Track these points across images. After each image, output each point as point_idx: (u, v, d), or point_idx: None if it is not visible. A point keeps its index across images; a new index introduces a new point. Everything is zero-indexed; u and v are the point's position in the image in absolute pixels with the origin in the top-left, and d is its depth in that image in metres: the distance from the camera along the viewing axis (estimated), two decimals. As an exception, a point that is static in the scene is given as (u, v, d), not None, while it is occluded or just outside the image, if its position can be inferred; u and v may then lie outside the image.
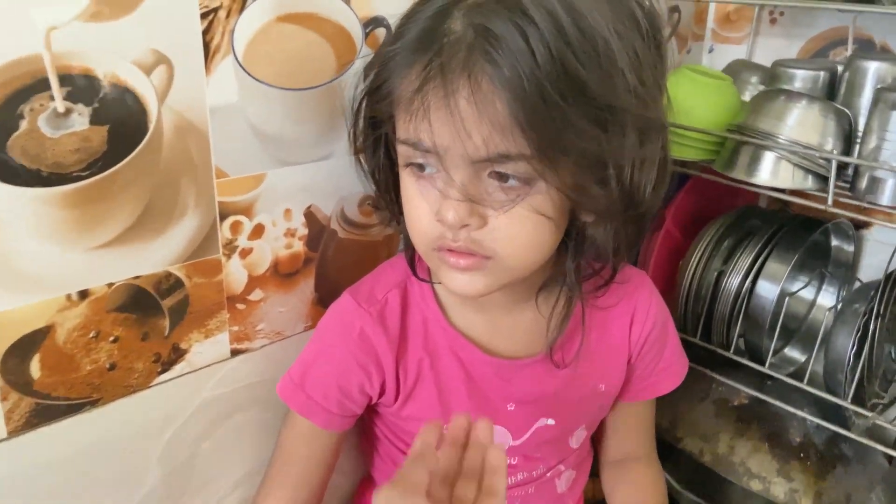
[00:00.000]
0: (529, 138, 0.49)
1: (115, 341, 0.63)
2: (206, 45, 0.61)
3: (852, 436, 0.83)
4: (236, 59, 0.63)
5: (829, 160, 0.79)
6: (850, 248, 1.02)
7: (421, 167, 0.56)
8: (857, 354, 0.85)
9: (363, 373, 0.67)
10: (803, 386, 0.87)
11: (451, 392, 0.68)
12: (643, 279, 0.74)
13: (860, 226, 1.03)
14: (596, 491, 0.87)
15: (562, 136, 0.50)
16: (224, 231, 0.67)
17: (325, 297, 0.77)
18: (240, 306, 0.70)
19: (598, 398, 0.73)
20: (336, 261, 0.77)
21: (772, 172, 0.82)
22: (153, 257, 0.63)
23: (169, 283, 0.65)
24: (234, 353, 0.71)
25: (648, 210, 0.58)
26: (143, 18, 0.57)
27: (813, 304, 1.05)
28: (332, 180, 0.74)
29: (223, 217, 0.66)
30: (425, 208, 0.57)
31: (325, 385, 0.67)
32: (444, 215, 0.54)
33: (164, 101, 0.60)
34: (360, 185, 0.75)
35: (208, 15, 0.60)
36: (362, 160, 0.65)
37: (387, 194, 0.66)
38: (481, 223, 0.55)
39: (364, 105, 0.61)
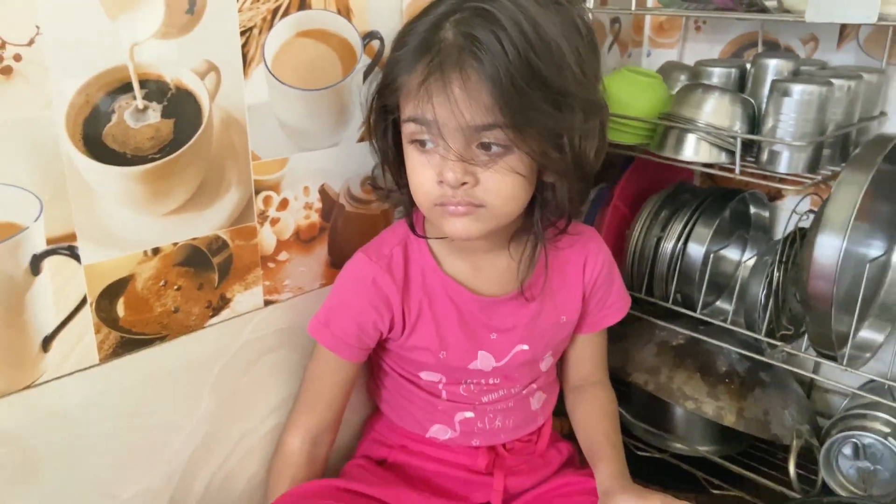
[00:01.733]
0: (505, 114, 0.67)
1: (178, 289, 0.79)
2: (245, 56, 0.79)
3: (764, 359, 1.03)
4: (267, 66, 0.81)
5: (735, 138, 0.98)
6: (766, 213, 1.22)
7: (422, 143, 0.74)
8: (768, 297, 1.05)
9: (376, 312, 0.84)
10: (726, 325, 1.07)
11: (446, 325, 0.85)
12: (593, 233, 0.93)
13: (774, 197, 1.24)
14: (564, 425, 1.05)
15: (528, 113, 0.68)
16: (258, 203, 0.84)
17: (336, 259, 0.94)
18: (270, 265, 0.87)
19: (561, 329, 0.92)
20: (344, 230, 0.95)
21: (694, 150, 1.02)
22: (206, 223, 0.80)
23: (218, 244, 0.82)
24: (267, 303, 0.88)
25: (591, 170, 0.77)
26: (198, 36, 0.74)
27: (739, 263, 1.25)
28: (341, 164, 0.92)
29: (257, 192, 0.84)
30: (428, 174, 0.74)
31: (346, 324, 0.84)
32: (446, 176, 0.72)
33: (214, 100, 0.77)
34: (363, 167, 0.93)
35: (246, 32, 0.78)
36: (375, 144, 0.83)
37: (394, 167, 0.83)
38: (474, 181, 0.72)
39: (376, 99, 0.79)
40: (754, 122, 1.02)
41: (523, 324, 0.88)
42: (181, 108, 0.75)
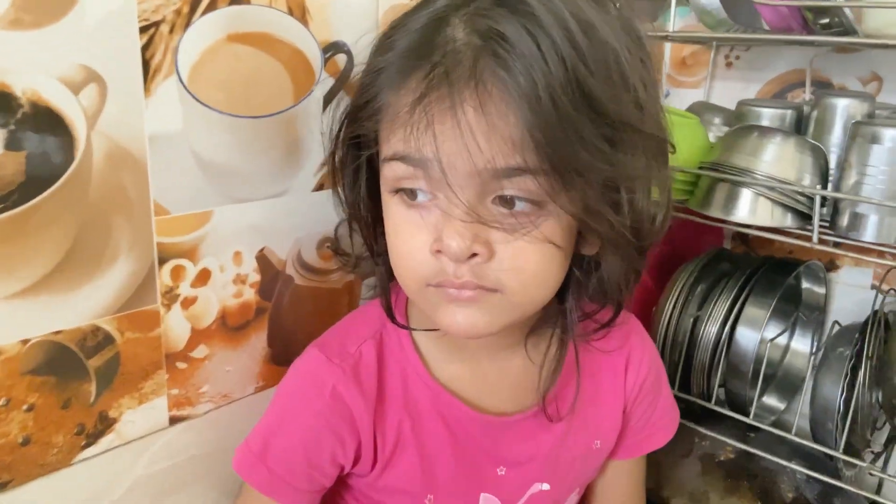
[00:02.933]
0: (542, 153, 0.44)
1: (29, 410, 0.52)
2: (146, 64, 0.53)
3: (849, 488, 0.78)
4: (181, 80, 0.56)
5: (811, 196, 0.76)
6: (822, 290, 0.99)
7: (412, 193, 0.49)
8: (846, 401, 0.81)
9: (335, 439, 0.57)
10: (793, 437, 0.82)
11: (434, 458, 0.59)
12: (634, 322, 0.68)
13: (828, 268, 1.01)
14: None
15: (575, 152, 0.44)
16: (163, 277, 0.58)
17: (279, 353, 0.68)
18: (180, 365, 0.61)
19: (593, 457, 0.66)
20: (292, 311, 0.68)
21: (750, 210, 0.79)
22: (78, 308, 0.53)
23: (96, 339, 0.55)
24: (174, 420, 0.61)
25: (652, 240, 0.53)
26: (71, 29, 0.49)
27: (787, 348, 1.01)
28: (288, 220, 0.66)
29: (163, 261, 0.58)
30: (420, 239, 0.49)
31: (292, 456, 0.57)
32: (448, 244, 0.47)
33: (94, 125, 0.51)
34: (320, 224, 0.68)
35: (149, 29, 0.53)
36: (340, 192, 0.58)
37: (367, 226, 0.58)
38: (488, 254, 0.48)
39: (345, 126, 0.54)
40: (825, 175, 0.79)
41: (543, 454, 0.62)
42: (38, 136, 0.49)
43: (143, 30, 0.53)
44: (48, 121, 0.49)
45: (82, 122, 0.51)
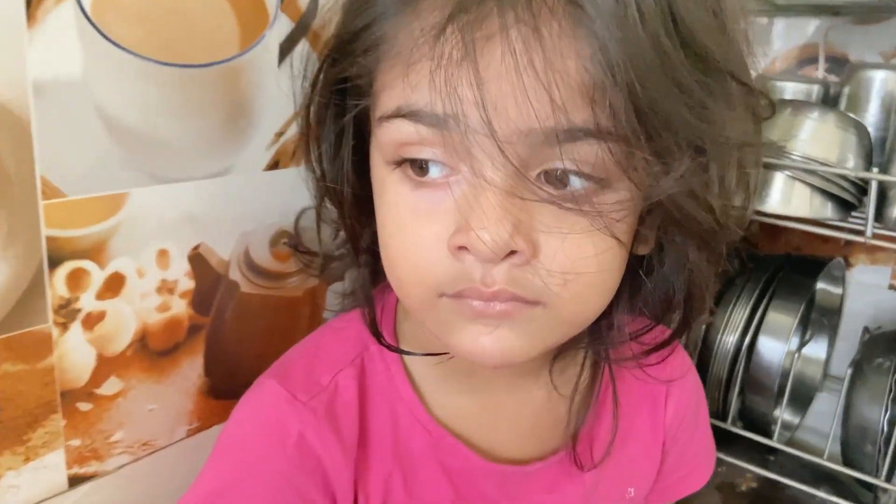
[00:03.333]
0: (628, 105, 0.30)
1: None
2: (27, -22, 0.37)
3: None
4: (81, 7, 0.39)
5: (858, 183, 0.64)
6: (838, 290, 0.89)
7: (423, 166, 0.35)
8: (891, 420, 0.70)
9: (302, 502, 0.42)
10: (827, 463, 0.71)
11: None
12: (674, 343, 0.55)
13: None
14: None
15: (673, 104, 0.31)
16: (57, 286, 0.41)
17: (220, 384, 0.52)
18: (83, 406, 0.44)
19: None
20: (237, 328, 0.52)
21: (783, 197, 0.67)
22: (-76, 333, 0.36)
23: (-44, 377, 0.38)
24: (75, 480, 0.45)
25: (733, 236, 0.39)
26: None
27: (797, 355, 0.90)
28: (232, 208, 0.50)
29: (55, 263, 0.41)
30: (431, 231, 0.35)
31: None
32: (478, 235, 0.32)
33: (-54, 62, 0.35)
34: (272, 214, 0.52)
35: (31, -73, 0.36)
36: (316, 163, 0.42)
37: (353, 211, 0.43)
38: (531, 251, 0.34)
39: (326, 67, 0.39)
40: (870, 157, 0.68)
41: None
42: None
43: (21, -73, 0.36)
44: None
45: (-75, 56, 0.34)
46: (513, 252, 0.34)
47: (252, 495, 0.42)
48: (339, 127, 0.40)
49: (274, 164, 0.52)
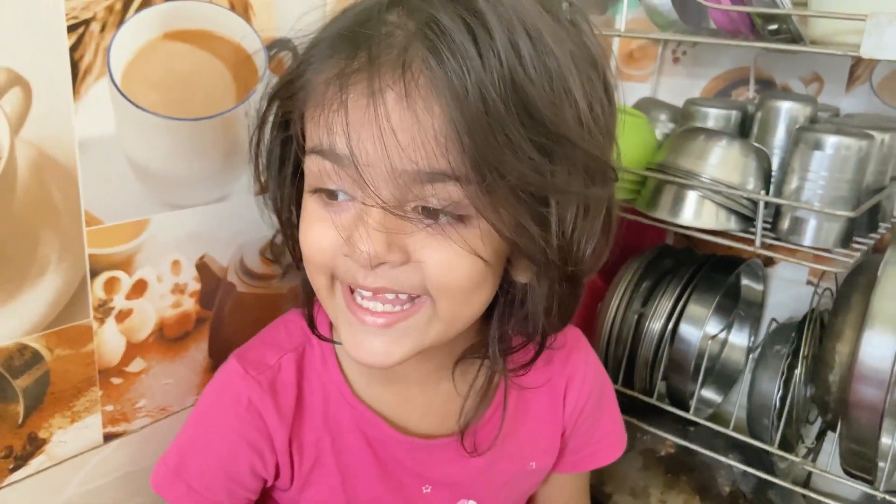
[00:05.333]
0: (468, 154, 0.41)
1: (-51, 437, 0.49)
2: (75, 65, 0.50)
3: (784, 483, 0.81)
4: (113, 81, 0.52)
5: (754, 201, 0.77)
6: (760, 287, 1.01)
7: (333, 194, 0.46)
8: (782, 398, 0.83)
9: (254, 452, 0.55)
10: (732, 433, 0.84)
11: (357, 475, 0.58)
12: (578, 341, 0.66)
13: (766, 264, 1.03)
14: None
15: (503, 156, 0.41)
16: (96, 290, 0.55)
17: (219, 363, 0.65)
18: (115, 381, 0.58)
19: (529, 476, 0.65)
20: (234, 319, 0.66)
21: (695, 213, 0.79)
22: (4, 326, 0.50)
23: (24, 358, 0.52)
24: (108, 437, 0.59)
25: (583, 272, 0.50)
26: (-10, 28, 0.45)
27: (724, 342, 1.03)
28: (230, 225, 0.63)
29: (95, 273, 0.54)
30: (329, 235, 0.46)
31: (209, 470, 0.55)
32: (356, 246, 0.44)
33: (18, 132, 0.48)
34: (261, 229, 0.64)
35: (77, 28, 0.49)
36: (269, 183, 0.54)
37: (289, 230, 0.55)
38: (403, 258, 0.45)
39: (268, 104, 0.50)
40: (769, 179, 0.81)
41: (471, 476, 0.61)
42: (-45, 145, 0.45)
43: (71, 28, 0.49)
44: (-35, 129, 0.45)
45: (5, 129, 0.47)
46: (386, 262, 0.44)
47: (214, 442, 0.55)
48: (278, 155, 0.52)
49: (262, 190, 0.65)
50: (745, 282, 1.01)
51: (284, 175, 0.52)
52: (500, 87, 0.40)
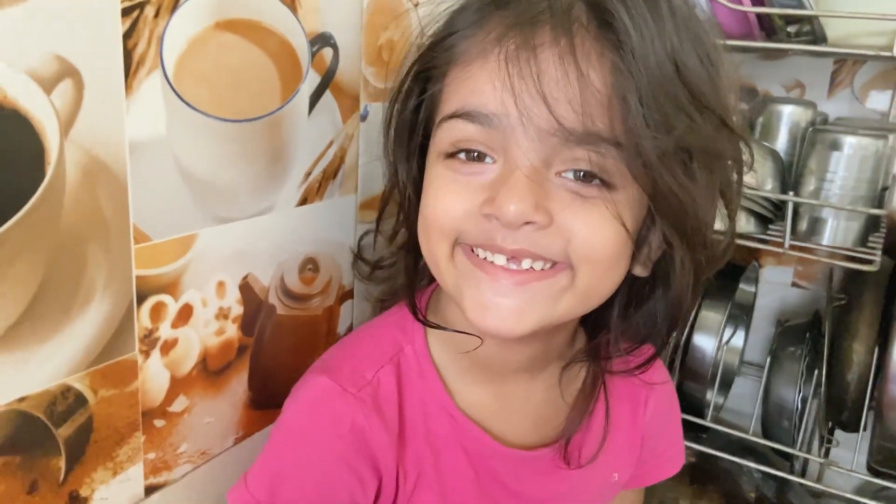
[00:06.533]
0: (633, 117, 0.39)
1: (-13, 504, 0.40)
2: (128, 55, 0.42)
3: (813, 485, 0.81)
4: (165, 75, 0.45)
5: (773, 202, 0.77)
6: (752, 289, 1.03)
7: (471, 156, 0.44)
8: (803, 399, 0.84)
9: (356, 480, 0.49)
10: (753, 438, 0.84)
11: (455, 491, 0.53)
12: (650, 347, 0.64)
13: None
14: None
15: (672, 120, 0.40)
16: (142, 318, 0.47)
17: (258, 396, 0.58)
18: (158, 423, 0.50)
19: (610, 489, 0.62)
20: (273, 346, 0.59)
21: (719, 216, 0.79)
22: (46, 366, 0.42)
23: (67, 403, 0.43)
24: (150, 490, 0.50)
25: (713, 261, 0.49)
26: (43, 9, 0.37)
27: (724, 347, 1.04)
28: (273, 240, 0.56)
29: (142, 298, 0.47)
30: (463, 198, 0.44)
31: (303, 501, 0.49)
32: (503, 204, 0.41)
33: (68, 132, 0.40)
34: (302, 244, 0.59)
35: (132, 12, 0.42)
36: (390, 148, 0.51)
37: (409, 202, 0.51)
38: (547, 221, 0.42)
39: (410, 74, 0.48)
40: (784, 180, 0.81)
41: (564, 489, 0.57)
42: (2, 148, 0.37)
43: (125, 12, 0.42)
44: (14, 128, 0.37)
45: (55, 128, 0.39)
46: (531, 223, 0.42)
47: (313, 472, 0.49)
48: (411, 122, 0.49)
49: (303, 201, 0.58)
50: (741, 286, 1.02)
51: (413, 147, 0.50)
52: (670, 50, 0.40)
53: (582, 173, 0.42)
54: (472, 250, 0.45)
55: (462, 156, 0.44)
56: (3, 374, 0.39)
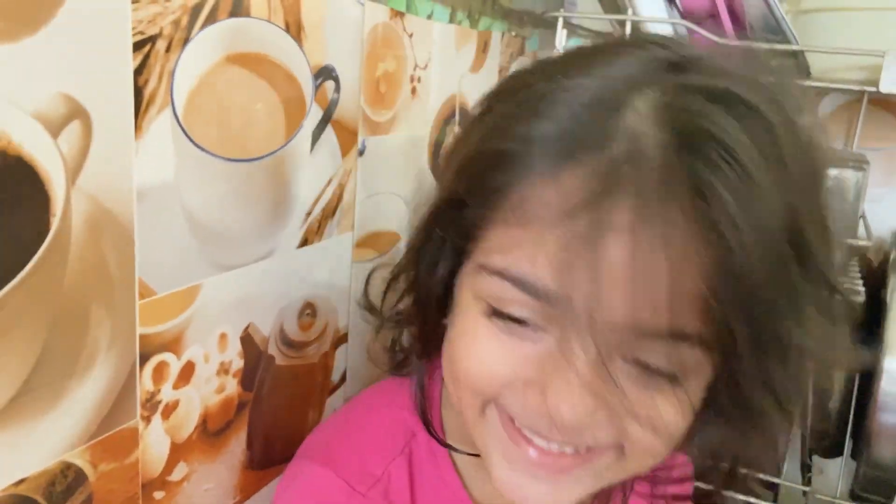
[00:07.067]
0: (732, 317, 0.32)
1: None
2: (139, 93, 0.38)
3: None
4: (175, 115, 0.41)
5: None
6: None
7: (518, 321, 0.36)
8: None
9: None
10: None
11: None
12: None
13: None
14: None
15: (780, 323, 0.33)
16: (145, 381, 0.42)
17: (257, 455, 0.54)
18: (158, 495, 0.45)
19: None
20: (272, 399, 0.54)
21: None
22: (46, 443, 0.37)
23: (66, 482, 0.38)
24: (148, 569, 0.45)
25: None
26: (51, 43, 0.33)
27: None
28: (273, 287, 0.52)
29: (145, 359, 0.42)
30: (509, 360, 0.37)
31: None
32: (556, 404, 0.34)
33: (75, 179, 0.36)
34: (301, 288, 0.55)
35: (143, 46, 0.38)
36: (415, 258, 0.44)
37: (428, 316, 0.44)
38: (604, 425, 0.36)
39: (452, 180, 0.39)
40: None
41: None
42: (4, 200, 0.32)
43: (136, 46, 0.38)
44: (17, 177, 0.33)
45: (61, 176, 0.35)
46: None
47: None
48: (441, 242, 0.41)
49: (304, 242, 0.55)
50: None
51: (442, 257, 0.42)
52: (780, 220, 0.32)
53: (645, 365, 0.35)
54: (511, 418, 0.39)
55: (507, 320, 0.37)
56: (1, 455, 0.34)
